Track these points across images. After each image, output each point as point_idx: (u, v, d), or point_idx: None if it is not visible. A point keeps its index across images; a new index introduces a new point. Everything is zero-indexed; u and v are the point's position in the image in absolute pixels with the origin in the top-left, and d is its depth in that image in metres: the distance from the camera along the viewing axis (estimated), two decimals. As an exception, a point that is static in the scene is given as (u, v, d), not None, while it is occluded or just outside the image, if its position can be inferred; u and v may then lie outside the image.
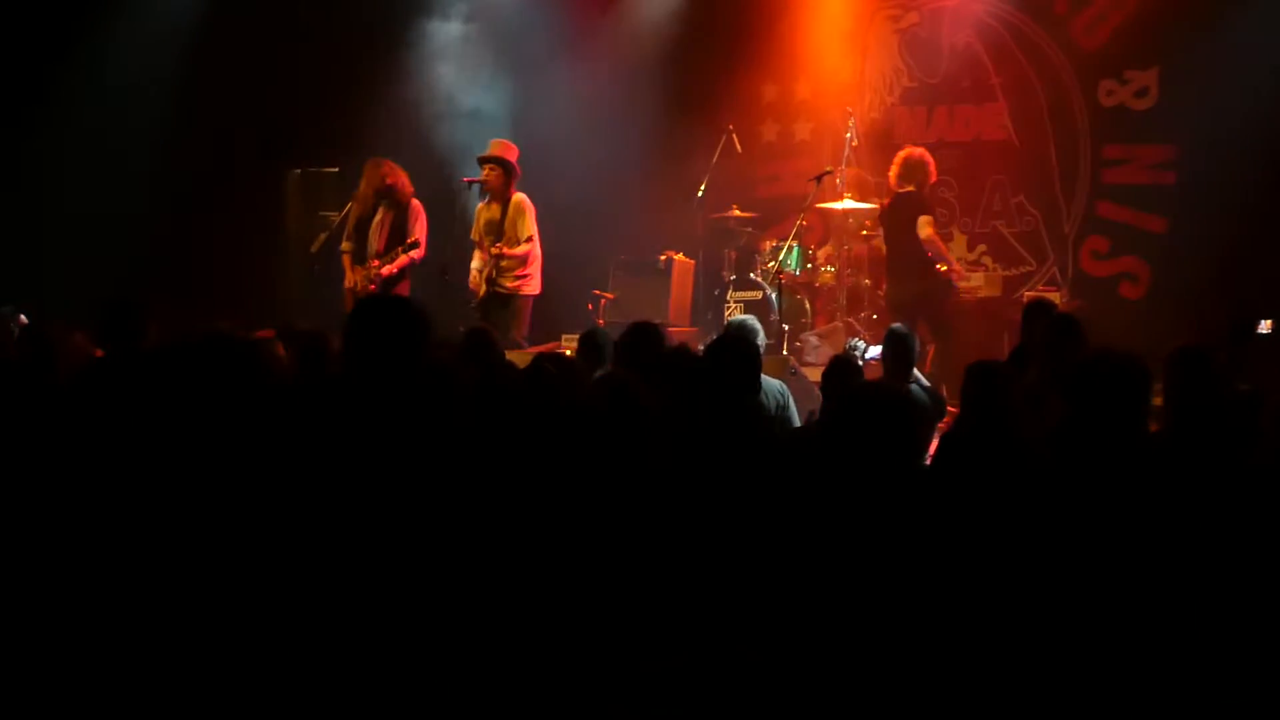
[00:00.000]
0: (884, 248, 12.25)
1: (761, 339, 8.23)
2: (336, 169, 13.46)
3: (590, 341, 8.25)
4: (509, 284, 11.77)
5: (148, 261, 12.65)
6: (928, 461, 5.86)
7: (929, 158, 11.68)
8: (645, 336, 7.28)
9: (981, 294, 12.33)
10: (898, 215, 11.69)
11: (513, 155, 11.87)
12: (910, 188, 11.59)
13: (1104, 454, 4.26)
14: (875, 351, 11.30)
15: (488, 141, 12.07)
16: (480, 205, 12.02)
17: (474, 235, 12.05)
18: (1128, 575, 3.93)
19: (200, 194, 13.32)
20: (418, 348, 4.38)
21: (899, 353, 7.91)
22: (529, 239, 11.73)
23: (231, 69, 13.53)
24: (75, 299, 9.60)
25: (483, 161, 11.87)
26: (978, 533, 4.10)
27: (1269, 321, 8.29)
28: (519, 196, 11.82)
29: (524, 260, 11.78)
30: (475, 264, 12.03)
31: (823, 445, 5.23)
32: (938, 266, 11.55)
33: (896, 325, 8.79)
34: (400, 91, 13.81)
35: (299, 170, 13.76)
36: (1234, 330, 7.83)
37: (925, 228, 11.48)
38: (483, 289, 11.84)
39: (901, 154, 11.79)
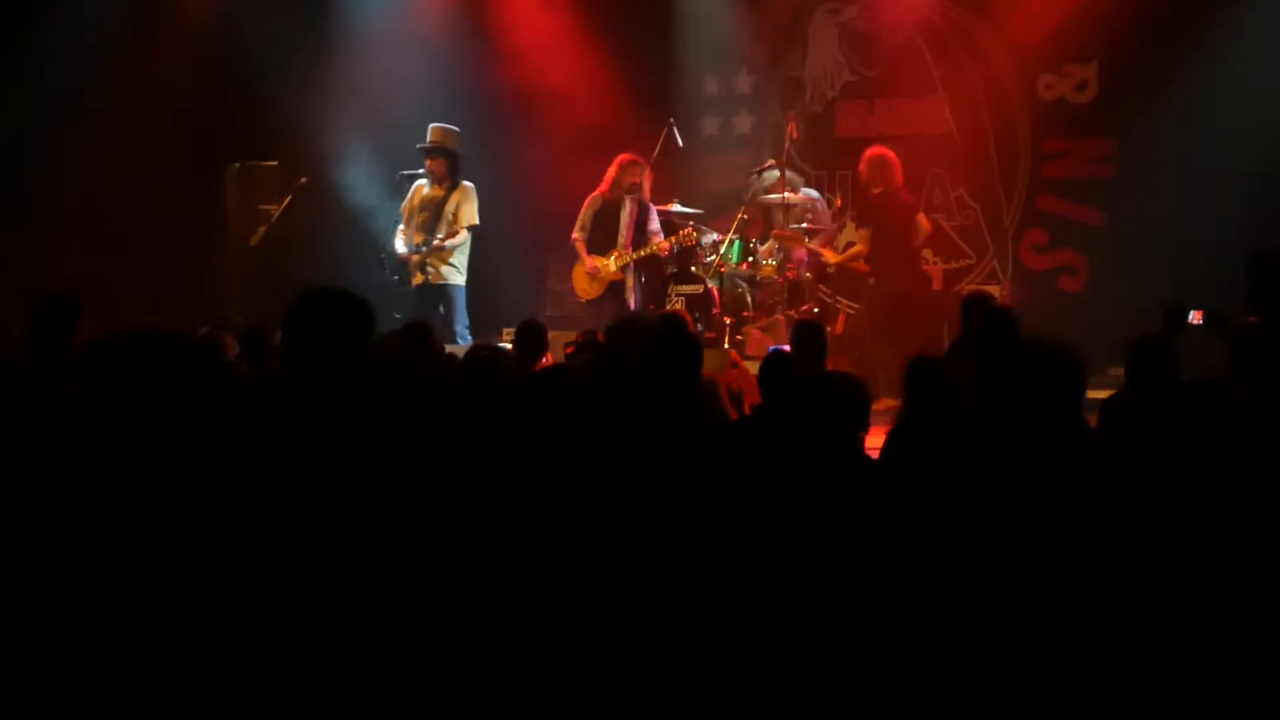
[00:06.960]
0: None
1: None
2: (275, 162, 13.40)
3: (527, 333, 8.21)
4: (441, 269, 11.58)
5: (85, 256, 12.51)
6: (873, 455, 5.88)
7: (893, 156, 11.72)
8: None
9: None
10: (878, 214, 11.72)
11: (454, 141, 11.75)
12: (880, 189, 11.62)
13: (1040, 446, 4.25)
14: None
15: (427, 128, 11.96)
16: (420, 183, 11.81)
17: (404, 209, 11.81)
18: (1072, 571, 3.93)
19: (139, 188, 13.18)
20: (359, 340, 4.34)
21: (808, 343, 7.83)
22: (470, 227, 11.63)
23: (169, 63, 13.43)
24: (8, 294, 9.49)
25: (426, 153, 11.74)
26: (924, 528, 4.10)
27: (1199, 312, 8.33)
28: (466, 184, 11.70)
29: (459, 248, 11.65)
30: (401, 243, 11.76)
31: (764, 437, 5.25)
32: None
33: (805, 318, 8.84)
34: (338, 83, 13.75)
35: (238, 164, 13.68)
36: (1165, 322, 7.85)
37: (924, 227, 11.93)
38: (417, 277, 11.68)
39: (867, 153, 11.83)
